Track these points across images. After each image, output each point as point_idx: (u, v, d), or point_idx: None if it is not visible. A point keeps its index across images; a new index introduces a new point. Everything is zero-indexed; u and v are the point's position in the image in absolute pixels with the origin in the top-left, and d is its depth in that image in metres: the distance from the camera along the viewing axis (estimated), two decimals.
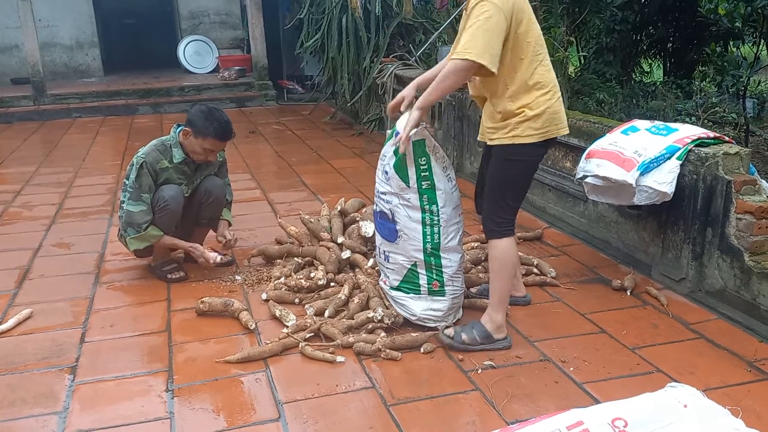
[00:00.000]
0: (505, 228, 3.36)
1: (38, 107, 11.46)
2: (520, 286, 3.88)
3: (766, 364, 3.17)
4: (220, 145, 4.16)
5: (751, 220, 3.52)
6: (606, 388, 3.01)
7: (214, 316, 3.76)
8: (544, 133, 3.25)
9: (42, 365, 3.35)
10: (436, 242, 3.44)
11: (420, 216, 3.40)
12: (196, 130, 4.07)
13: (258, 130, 9.75)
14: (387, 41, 8.82)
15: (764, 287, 3.42)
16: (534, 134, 3.23)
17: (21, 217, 5.85)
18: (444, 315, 3.55)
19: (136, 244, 4.18)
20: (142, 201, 4.08)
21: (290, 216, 5.38)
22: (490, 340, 3.36)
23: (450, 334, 3.38)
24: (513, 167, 3.33)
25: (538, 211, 5.39)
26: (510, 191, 3.37)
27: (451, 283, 3.52)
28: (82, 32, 13.93)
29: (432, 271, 3.48)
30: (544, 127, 3.24)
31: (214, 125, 4.06)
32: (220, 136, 4.10)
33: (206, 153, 4.15)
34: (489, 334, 3.36)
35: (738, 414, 2.34)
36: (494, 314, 3.38)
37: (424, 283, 3.50)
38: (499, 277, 3.38)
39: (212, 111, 4.13)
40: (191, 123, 4.09)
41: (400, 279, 3.56)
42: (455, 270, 3.53)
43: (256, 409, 2.93)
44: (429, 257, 3.46)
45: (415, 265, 3.50)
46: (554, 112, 3.26)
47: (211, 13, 14.73)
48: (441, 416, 2.85)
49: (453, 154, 6.82)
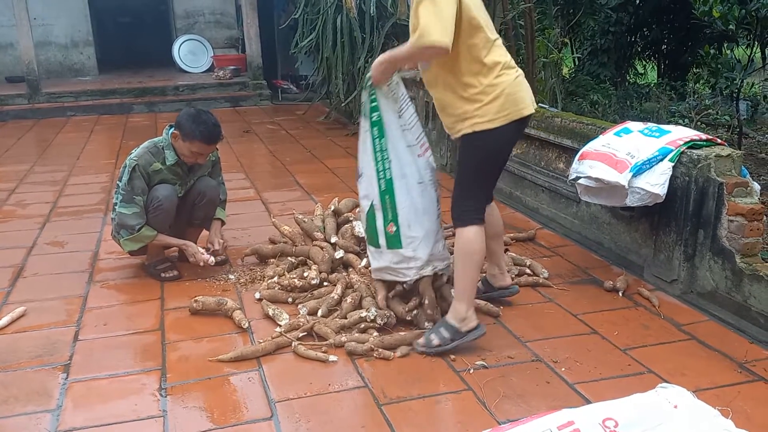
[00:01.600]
0: (471, 216, 3.30)
1: (33, 105, 11.43)
2: (506, 277, 3.85)
3: (757, 366, 3.19)
4: (207, 148, 4.15)
5: (743, 222, 3.54)
6: (597, 388, 3.03)
7: (208, 314, 3.77)
8: (505, 116, 3.19)
9: (35, 363, 3.35)
10: (388, 178, 3.44)
11: (371, 151, 3.45)
12: (184, 134, 4.07)
13: (252, 129, 9.75)
14: (382, 41, 8.82)
15: (755, 289, 3.45)
16: (494, 119, 3.18)
17: (15, 215, 5.84)
18: (408, 267, 3.54)
19: (131, 245, 4.20)
20: (134, 203, 4.08)
21: (284, 215, 5.39)
22: (459, 335, 3.30)
23: (421, 343, 3.35)
24: (478, 155, 3.30)
25: (531, 212, 5.41)
26: (476, 179, 3.35)
27: (408, 230, 3.47)
28: (77, 31, 13.91)
29: (387, 211, 3.48)
30: (504, 110, 3.18)
31: (200, 128, 4.06)
32: (207, 139, 4.10)
33: (194, 156, 4.14)
34: (456, 328, 3.30)
35: (728, 415, 2.36)
36: (458, 305, 3.33)
37: (381, 226, 3.50)
38: (462, 267, 3.31)
39: (200, 114, 4.13)
40: (179, 126, 4.09)
41: (364, 226, 3.62)
42: (414, 218, 3.48)
43: (248, 407, 2.94)
44: (383, 195, 3.47)
45: (372, 207, 3.52)
46: (511, 93, 3.19)
47: (206, 12, 14.72)
48: (433, 416, 2.86)
49: (447, 154, 6.83)
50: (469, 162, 3.33)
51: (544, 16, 9.78)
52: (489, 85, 3.17)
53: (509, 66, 3.24)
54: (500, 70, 3.19)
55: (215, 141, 4.16)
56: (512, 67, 3.26)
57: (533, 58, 7.90)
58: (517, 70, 3.27)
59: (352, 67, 9.12)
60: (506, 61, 3.24)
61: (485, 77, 3.17)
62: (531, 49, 7.87)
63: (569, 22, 10.46)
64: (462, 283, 3.34)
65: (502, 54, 3.24)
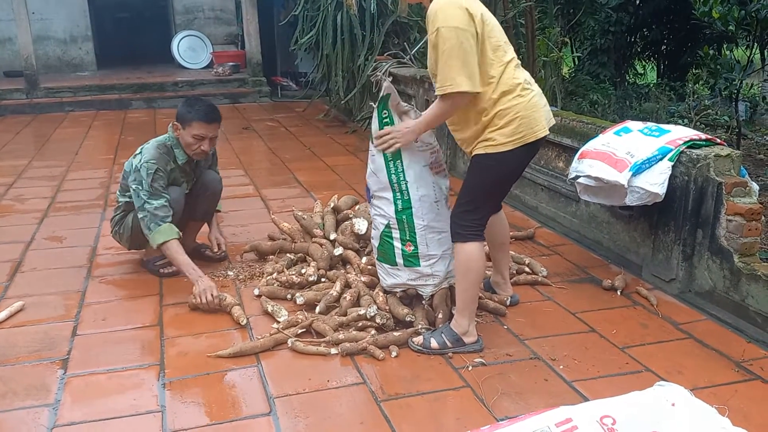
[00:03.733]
0: (472, 232, 3.26)
1: (31, 101, 11.42)
2: (508, 286, 3.86)
3: (754, 365, 3.20)
4: (208, 127, 4.10)
5: (741, 222, 3.55)
6: (595, 386, 3.03)
7: (207, 310, 3.76)
8: (518, 140, 3.15)
9: (33, 358, 3.35)
10: (406, 199, 3.44)
11: (386, 172, 3.44)
12: (182, 119, 4.08)
13: (251, 126, 9.75)
14: (382, 39, 8.83)
15: (753, 288, 3.45)
16: (506, 141, 3.15)
17: (13, 210, 5.83)
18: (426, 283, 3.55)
19: (158, 238, 4.01)
20: (162, 196, 4.03)
21: (283, 212, 5.39)
22: (460, 344, 3.31)
23: (418, 342, 3.35)
24: (488, 176, 3.27)
25: (531, 210, 5.41)
26: (482, 198, 3.31)
27: (426, 249, 3.47)
28: (75, 26, 13.90)
29: (404, 231, 3.47)
30: (518, 133, 3.14)
31: (196, 108, 4.07)
32: (205, 117, 4.07)
33: (198, 141, 4.10)
34: (459, 337, 3.31)
35: (725, 413, 2.36)
36: (460, 319, 3.33)
37: (398, 245, 3.49)
38: (462, 283, 3.30)
39: (194, 98, 4.19)
40: (178, 117, 4.11)
41: (377, 243, 3.60)
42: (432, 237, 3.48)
43: (247, 403, 2.94)
44: (400, 214, 3.46)
45: (388, 226, 3.50)
46: (525, 116, 3.14)
47: (206, 8, 14.71)
48: (431, 412, 2.86)
49: (447, 153, 6.83)
50: (477, 181, 3.29)
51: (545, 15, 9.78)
52: (504, 108, 3.12)
53: (525, 87, 3.18)
54: (517, 92, 3.13)
55: (214, 118, 4.13)
56: (528, 88, 3.19)
57: (533, 57, 7.91)
58: (532, 90, 3.21)
59: (352, 64, 9.12)
60: (522, 82, 3.18)
61: (500, 101, 3.12)
62: (531, 48, 7.88)
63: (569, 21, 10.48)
64: (463, 298, 3.32)
65: (518, 75, 3.19)
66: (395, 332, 3.44)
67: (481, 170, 3.26)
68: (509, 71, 3.15)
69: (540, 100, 3.26)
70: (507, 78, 3.13)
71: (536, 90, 3.26)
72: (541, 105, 3.25)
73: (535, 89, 3.25)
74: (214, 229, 4.52)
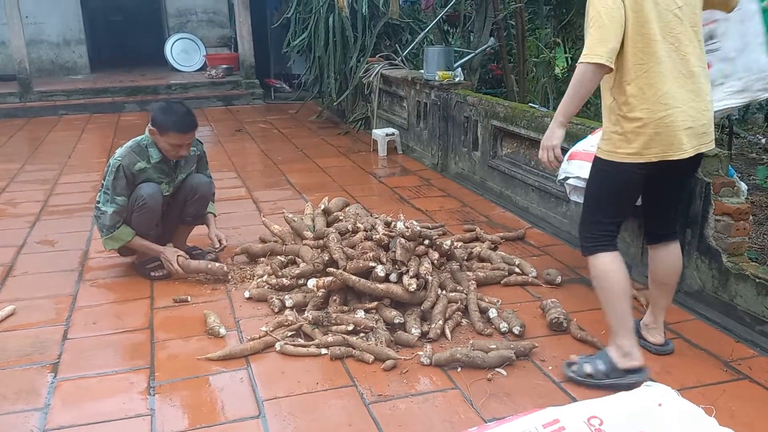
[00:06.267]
0: (600, 243, 3.03)
1: (24, 104, 11.41)
2: (659, 333, 3.34)
3: (742, 364, 3.21)
4: (183, 137, 4.11)
5: (730, 222, 3.56)
6: (583, 387, 3.04)
7: (197, 313, 3.77)
8: (639, 155, 2.85)
9: (24, 362, 3.35)
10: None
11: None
12: (158, 127, 4.07)
13: (244, 128, 9.75)
14: (374, 41, 8.85)
15: (741, 288, 3.47)
16: (623, 153, 2.87)
17: (5, 213, 5.83)
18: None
19: (111, 243, 4.20)
20: (115, 203, 4.08)
21: (275, 215, 5.39)
22: (616, 373, 3.00)
23: (573, 369, 3.09)
24: (605, 181, 3.01)
25: (521, 211, 5.42)
26: (598, 206, 3.08)
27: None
28: (68, 29, 13.88)
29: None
30: (645, 149, 2.83)
31: (172, 119, 4.06)
32: (180, 128, 4.08)
33: (175, 148, 4.12)
34: (614, 364, 3.01)
35: (711, 413, 2.37)
36: (617, 339, 3.02)
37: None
38: (603, 296, 3.04)
39: (170, 105, 4.16)
40: (153, 121, 4.10)
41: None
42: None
43: (236, 406, 2.95)
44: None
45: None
46: (658, 133, 2.82)
47: (199, 11, 14.71)
48: (419, 414, 2.87)
49: (438, 155, 6.85)
50: (594, 186, 3.10)
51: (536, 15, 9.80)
52: (636, 111, 2.84)
53: (672, 96, 2.83)
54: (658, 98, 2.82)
55: (190, 129, 4.13)
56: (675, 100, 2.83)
57: (524, 58, 7.93)
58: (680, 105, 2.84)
59: (344, 66, 9.15)
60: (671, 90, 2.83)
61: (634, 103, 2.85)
62: (522, 49, 7.90)
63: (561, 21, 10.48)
64: (609, 314, 3.05)
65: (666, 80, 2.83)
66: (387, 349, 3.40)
67: (598, 174, 3.05)
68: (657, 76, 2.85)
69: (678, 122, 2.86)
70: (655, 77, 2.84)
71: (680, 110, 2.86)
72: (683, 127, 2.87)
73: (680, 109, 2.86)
74: (212, 227, 4.53)
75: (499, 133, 5.83)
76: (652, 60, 2.81)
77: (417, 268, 3.66)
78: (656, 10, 2.79)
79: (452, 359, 3.19)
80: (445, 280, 3.90)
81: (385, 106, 8.51)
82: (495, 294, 3.95)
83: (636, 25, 2.79)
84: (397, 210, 5.25)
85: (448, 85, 6.72)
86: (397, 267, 3.67)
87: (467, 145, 6.34)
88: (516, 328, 3.50)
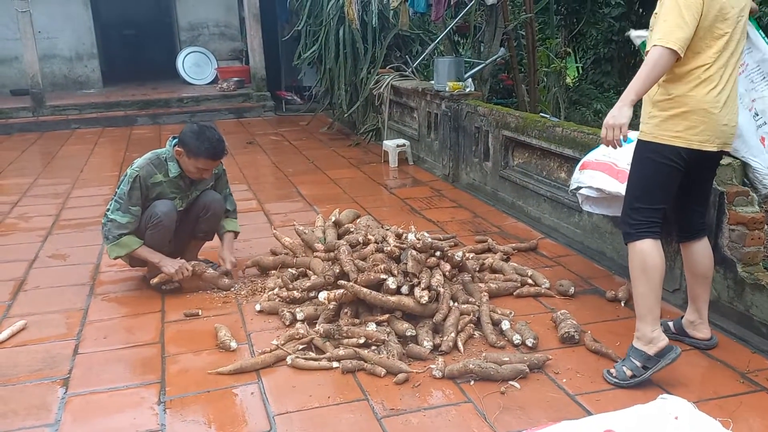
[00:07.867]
0: (642, 230, 3.07)
1: (37, 118, 11.50)
2: (704, 328, 3.43)
3: (759, 375, 3.17)
4: (212, 164, 4.18)
5: (744, 231, 3.52)
6: (598, 400, 3.00)
7: (208, 327, 3.76)
8: (683, 138, 2.98)
9: (35, 377, 3.34)
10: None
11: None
12: (188, 150, 4.08)
13: (256, 140, 9.78)
14: (384, 52, 8.87)
15: (757, 298, 3.42)
16: (668, 135, 2.99)
17: (17, 228, 5.85)
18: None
19: (117, 251, 4.16)
20: (129, 213, 4.08)
21: (286, 227, 5.38)
22: (651, 362, 3.06)
23: (615, 375, 3.13)
24: (647, 166, 3.09)
25: (534, 221, 5.39)
26: (641, 191, 3.12)
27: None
28: (81, 44, 13.98)
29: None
30: (691, 134, 2.97)
31: (205, 145, 4.07)
32: (212, 155, 4.12)
33: (200, 171, 4.17)
34: (644, 353, 3.07)
35: (729, 425, 2.34)
36: (642, 327, 3.10)
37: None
38: (639, 284, 3.09)
39: (203, 130, 4.13)
40: (183, 143, 4.10)
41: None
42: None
43: (247, 420, 2.93)
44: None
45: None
46: (705, 122, 2.96)
47: (211, 24, 14.79)
48: (432, 428, 2.84)
49: (449, 165, 6.83)
50: (633, 172, 3.17)
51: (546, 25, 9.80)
52: (691, 94, 2.95)
53: (728, 95, 3.00)
54: (719, 90, 2.96)
55: (220, 157, 4.17)
56: (731, 99, 3.02)
57: (535, 68, 7.92)
58: (732, 103, 3.04)
59: (354, 78, 9.17)
60: (729, 89, 3.00)
61: (692, 85, 2.96)
62: (532, 59, 7.89)
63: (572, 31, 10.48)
64: (641, 302, 3.11)
65: (729, 79, 3.00)
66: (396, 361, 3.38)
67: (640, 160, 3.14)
68: (722, 69, 3.00)
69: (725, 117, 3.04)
70: (718, 70, 2.98)
71: (731, 108, 3.06)
72: (730, 122, 3.06)
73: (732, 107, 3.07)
74: (226, 246, 4.48)
75: (511, 144, 5.81)
76: (722, 59, 2.97)
77: (428, 280, 3.64)
78: (730, 13, 2.96)
79: (465, 371, 3.16)
80: (457, 292, 3.87)
81: (396, 117, 8.51)
82: (507, 305, 3.92)
83: (711, 21, 2.92)
84: (409, 221, 5.23)
85: (459, 95, 6.71)
86: (409, 279, 3.66)
87: (478, 156, 6.32)
88: (529, 340, 3.47)
